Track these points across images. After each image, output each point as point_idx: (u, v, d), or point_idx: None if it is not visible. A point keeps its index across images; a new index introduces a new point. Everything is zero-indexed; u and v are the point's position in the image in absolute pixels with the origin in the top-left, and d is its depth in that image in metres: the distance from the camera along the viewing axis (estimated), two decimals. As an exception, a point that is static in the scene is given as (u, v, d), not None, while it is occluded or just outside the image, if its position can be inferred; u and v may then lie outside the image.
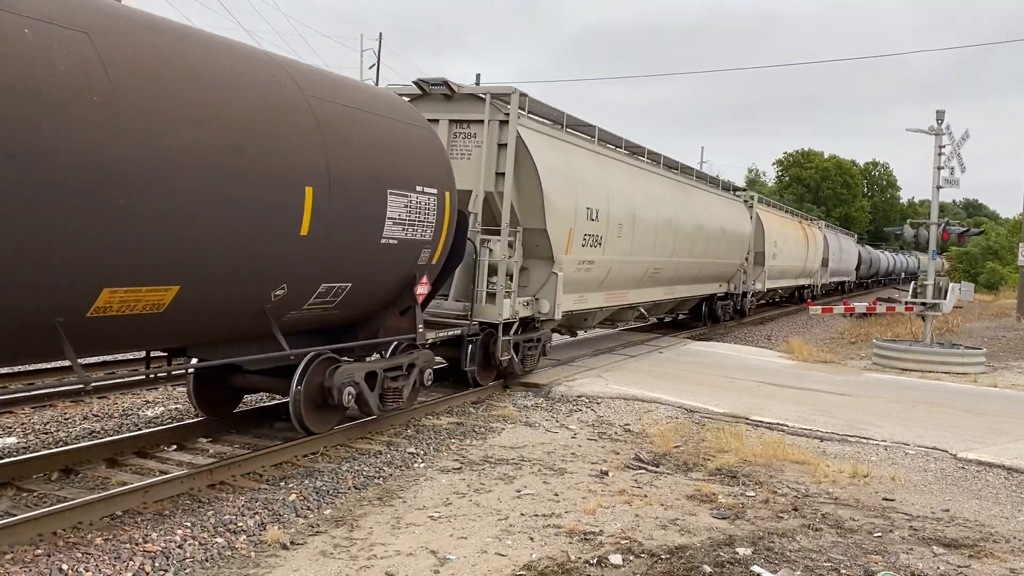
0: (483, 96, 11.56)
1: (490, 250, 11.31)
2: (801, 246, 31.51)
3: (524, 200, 11.74)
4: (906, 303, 19.41)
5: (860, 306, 21.94)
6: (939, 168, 18.33)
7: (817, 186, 79.80)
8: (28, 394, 9.69)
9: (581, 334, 17.58)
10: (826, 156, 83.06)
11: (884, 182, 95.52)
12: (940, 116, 18.31)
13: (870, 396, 13.15)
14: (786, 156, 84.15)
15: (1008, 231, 59.69)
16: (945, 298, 18.36)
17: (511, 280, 11.57)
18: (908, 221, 21.08)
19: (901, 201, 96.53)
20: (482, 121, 11.54)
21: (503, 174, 11.49)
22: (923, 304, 18.47)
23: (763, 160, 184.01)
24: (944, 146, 18.27)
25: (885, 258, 62.59)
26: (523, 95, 11.63)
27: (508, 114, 11.43)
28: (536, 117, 12.45)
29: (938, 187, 18.49)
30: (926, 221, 19.19)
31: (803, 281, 34.17)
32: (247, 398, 10.20)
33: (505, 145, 11.43)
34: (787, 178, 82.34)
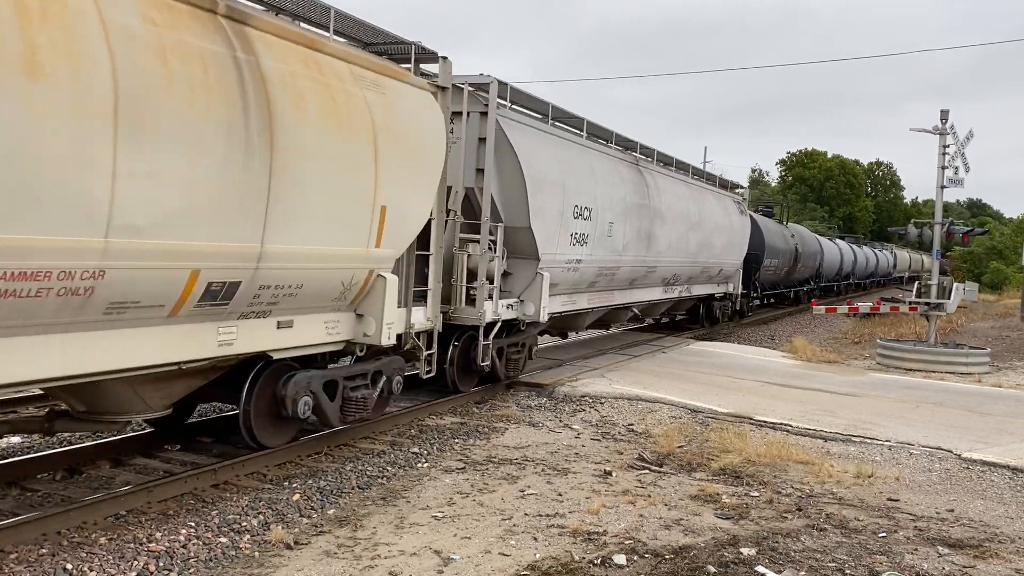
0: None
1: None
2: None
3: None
4: (910, 303, 19.42)
5: (864, 306, 22.03)
6: (943, 168, 18.31)
7: (820, 186, 79.68)
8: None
9: (580, 334, 17.75)
10: (829, 156, 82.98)
11: (888, 182, 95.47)
12: (944, 116, 18.27)
13: (874, 396, 13.13)
14: (789, 156, 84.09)
15: (1012, 231, 59.67)
16: (949, 298, 18.36)
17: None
18: (912, 221, 21.06)
19: (905, 201, 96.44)
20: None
21: None
22: (927, 304, 18.45)
23: (770, 160, 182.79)
24: (948, 146, 18.24)
25: (836, 249, 38.42)
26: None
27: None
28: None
29: (942, 187, 18.47)
30: (930, 221, 19.17)
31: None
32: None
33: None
34: (790, 178, 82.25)
